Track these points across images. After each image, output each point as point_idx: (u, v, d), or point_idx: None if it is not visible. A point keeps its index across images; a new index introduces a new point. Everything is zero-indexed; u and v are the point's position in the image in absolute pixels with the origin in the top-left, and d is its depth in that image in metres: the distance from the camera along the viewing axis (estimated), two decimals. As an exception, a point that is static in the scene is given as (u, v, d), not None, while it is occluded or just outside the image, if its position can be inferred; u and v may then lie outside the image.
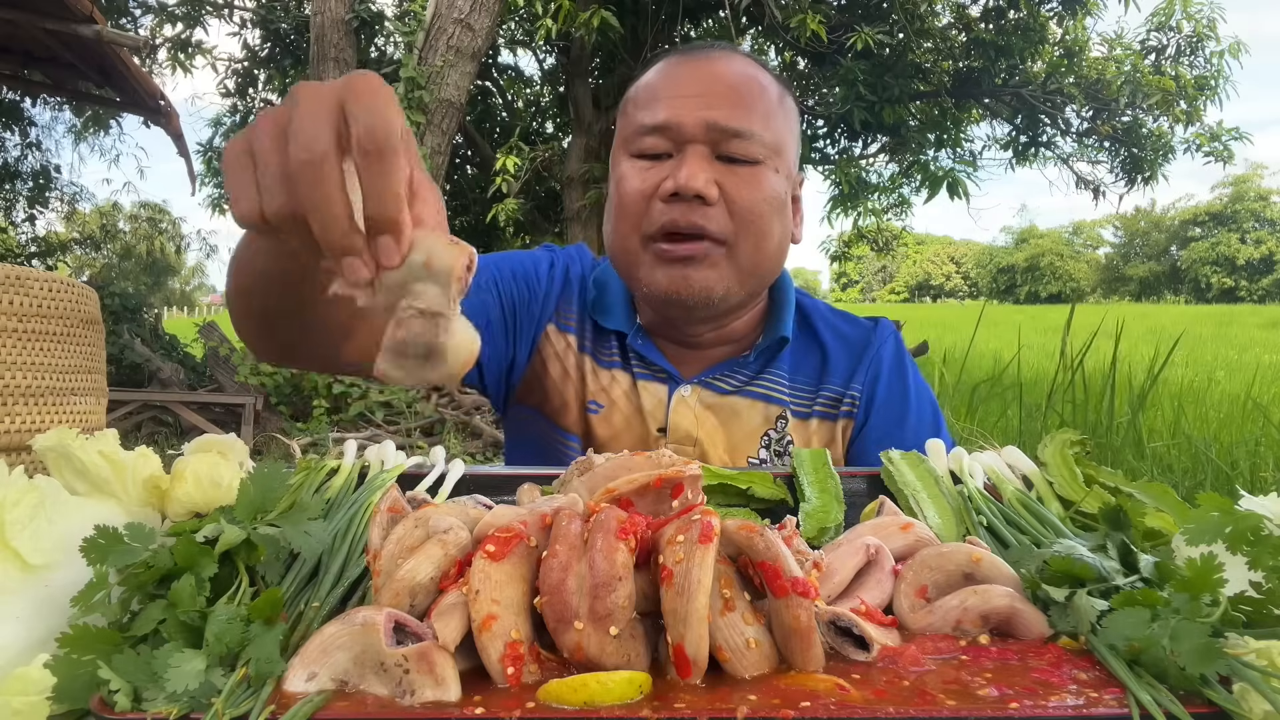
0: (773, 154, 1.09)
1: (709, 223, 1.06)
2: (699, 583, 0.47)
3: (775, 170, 1.10)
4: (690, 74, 1.11)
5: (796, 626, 0.49)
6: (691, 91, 1.08)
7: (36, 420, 2.06)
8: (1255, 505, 0.60)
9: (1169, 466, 3.31)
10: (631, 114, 1.13)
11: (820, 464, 0.85)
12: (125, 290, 9.10)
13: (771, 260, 1.13)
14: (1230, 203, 63.93)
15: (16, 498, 0.56)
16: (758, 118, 1.08)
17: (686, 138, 1.07)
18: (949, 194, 9.75)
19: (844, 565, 0.60)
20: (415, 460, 0.88)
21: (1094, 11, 9.51)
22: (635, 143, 1.11)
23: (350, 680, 0.47)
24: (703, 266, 1.08)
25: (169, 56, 10.31)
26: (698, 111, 1.06)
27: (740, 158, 1.07)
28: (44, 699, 0.46)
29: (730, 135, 1.06)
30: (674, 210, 1.06)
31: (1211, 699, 0.45)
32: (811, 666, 0.49)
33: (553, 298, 1.25)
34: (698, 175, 1.04)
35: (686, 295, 1.09)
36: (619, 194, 1.12)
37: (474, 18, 6.58)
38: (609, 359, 1.23)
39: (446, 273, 0.52)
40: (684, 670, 0.47)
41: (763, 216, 1.09)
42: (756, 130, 1.07)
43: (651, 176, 1.09)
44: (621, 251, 1.13)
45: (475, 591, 0.49)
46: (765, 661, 0.49)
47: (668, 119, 1.07)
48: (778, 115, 1.12)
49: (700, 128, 1.06)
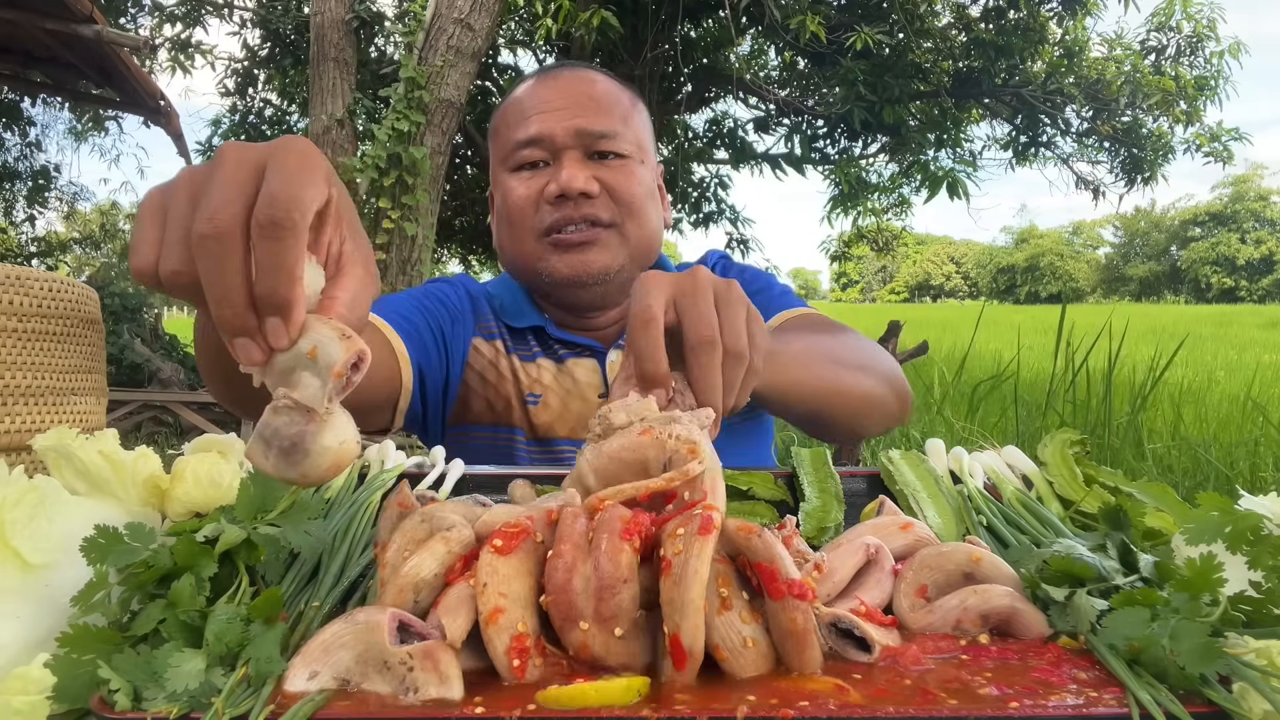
0: (637, 149, 1.24)
1: (599, 211, 1.19)
2: (696, 573, 0.47)
3: (641, 163, 1.24)
4: (553, 90, 1.23)
5: (793, 629, 0.48)
6: (557, 105, 1.21)
7: (36, 420, 2.06)
8: (1255, 505, 0.60)
9: (1169, 466, 3.31)
10: (505, 134, 1.25)
11: (820, 464, 0.85)
12: (125, 290, 9.10)
13: (654, 238, 1.27)
14: (1230, 203, 63.94)
15: (16, 498, 0.56)
16: (619, 119, 1.22)
17: (560, 145, 1.19)
18: (949, 194, 9.75)
19: (843, 565, 0.60)
20: (415, 460, 0.88)
21: (1094, 11, 9.50)
22: (513, 158, 1.22)
23: (352, 679, 0.47)
24: (598, 249, 1.20)
25: (169, 58, 10.31)
26: (566, 121, 1.19)
27: (612, 153, 1.21)
28: (44, 698, 0.46)
29: (598, 137, 1.20)
30: (563, 209, 1.18)
31: (1211, 698, 0.45)
32: (809, 669, 0.49)
33: (468, 312, 1.34)
34: (577, 175, 1.17)
35: (587, 276, 1.20)
36: (509, 205, 1.23)
37: (474, 18, 6.58)
38: (530, 353, 1.32)
39: (327, 367, 0.49)
40: (679, 661, 0.47)
41: (641, 201, 1.22)
42: (620, 130, 1.21)
43: (535, 184, 1.20)
44: (519, 255, 1.24)
45: (483, 584, 0.49)
46: (763, 661, 0.49)
47: (540, 131, 1.19)
48: (634, 117, 1.26)
49: (571, 135, 1.19)
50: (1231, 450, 3.38)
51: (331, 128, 7.01)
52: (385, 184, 6.11)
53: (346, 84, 7.13)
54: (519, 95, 1.27)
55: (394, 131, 6.35)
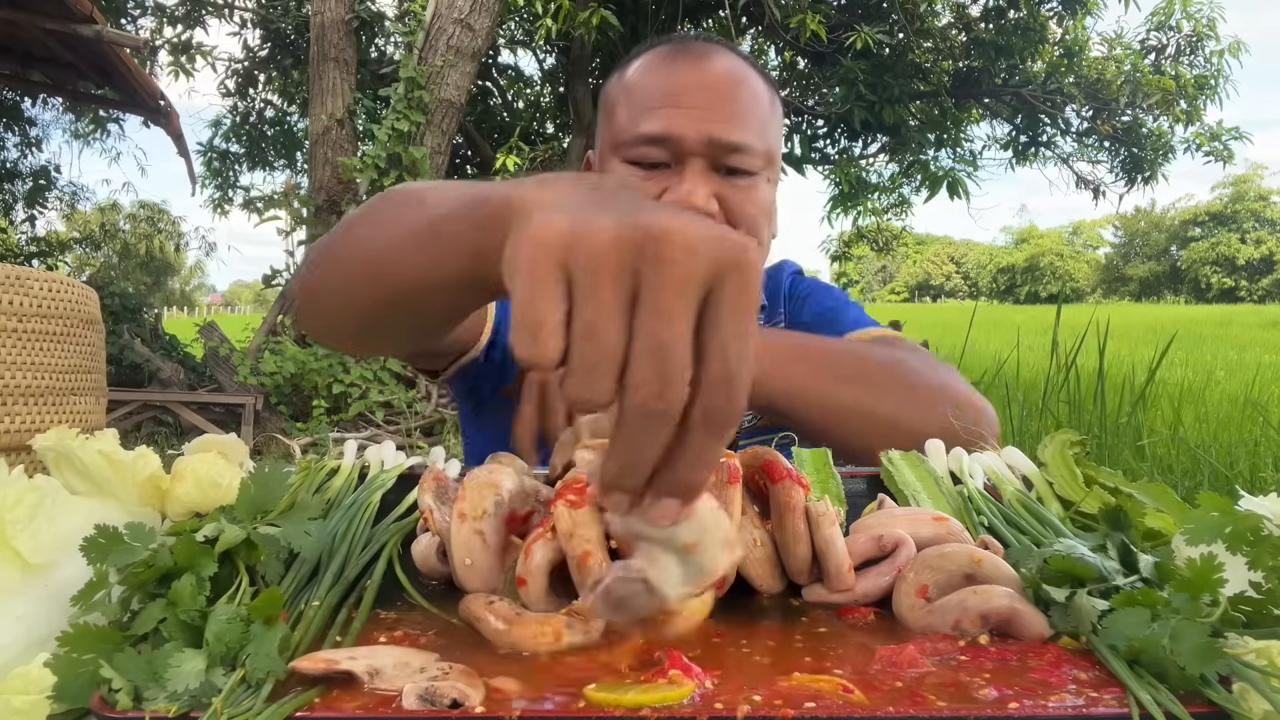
0: (766, 164, 1.12)
1: None
2: (730, 516, 0.56)
3: (768, 180, 1.13)
4: (691, 79, 1.09)
5: (790, 503, 0.60)
6: (693, 102, 1.07)
7: (36, 420, 2.06)
8: (1255, 505, 0.60)
9: (1168, 467, 3.31)
10: (625, 117, 1.12)
11: (821, 464, 0.85)
12: (125, 290, 9.11)
13: (761, 261, 1.18)
14: (1230, 203, 63.97)
15: (16, 498, 0.56)
16: (755, 129, 1.09)
17: (688, 151, 1.06)
18: (949, 194, 9.76)
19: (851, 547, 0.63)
20: (415, 460, 0.88)
21: (1094, 11, 9.51)
22: (630, 150, 1.10)
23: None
24: None
25: (170, 60, 10.31)
26: (699, 125, 1.06)
27: (740, 169, 1.09)
28: (44, 698, 0.46)
29: (731, 150, 1.07)
30: None
31: (1211, 699, 0.45)
32: (801, 547, 0.60)
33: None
34: (698, 191, 1.05)
35: None
36: None
37: (474, 18, 6.58)
38: None
39: (701, 574, 0.45)
40: (717, 585, 0.53)
41: (756, 224, 1.11)
42: (754, 143, 1.09)
43: (648, 187, 1.08)
44: None
45: (568, 534, 0.56)
46: (768, 561, 0.62)
47: (668, 130, 1.06)
48: (772, 123, 1.14)
49: (703, 142, 1.06)
50: (1231, 450, 3.37)
51: (331, 128, 7.01)
52: (385, 184, 6.11)
53: (346, 84, 7.13)
54: (650, 72, 1.12)
55: (394, 131, 6.35)
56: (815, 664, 0.51)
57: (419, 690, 0.44)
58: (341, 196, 6.86)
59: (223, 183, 12.24)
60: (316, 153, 7.12)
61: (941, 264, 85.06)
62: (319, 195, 7.09)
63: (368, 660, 0.47)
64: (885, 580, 0.61)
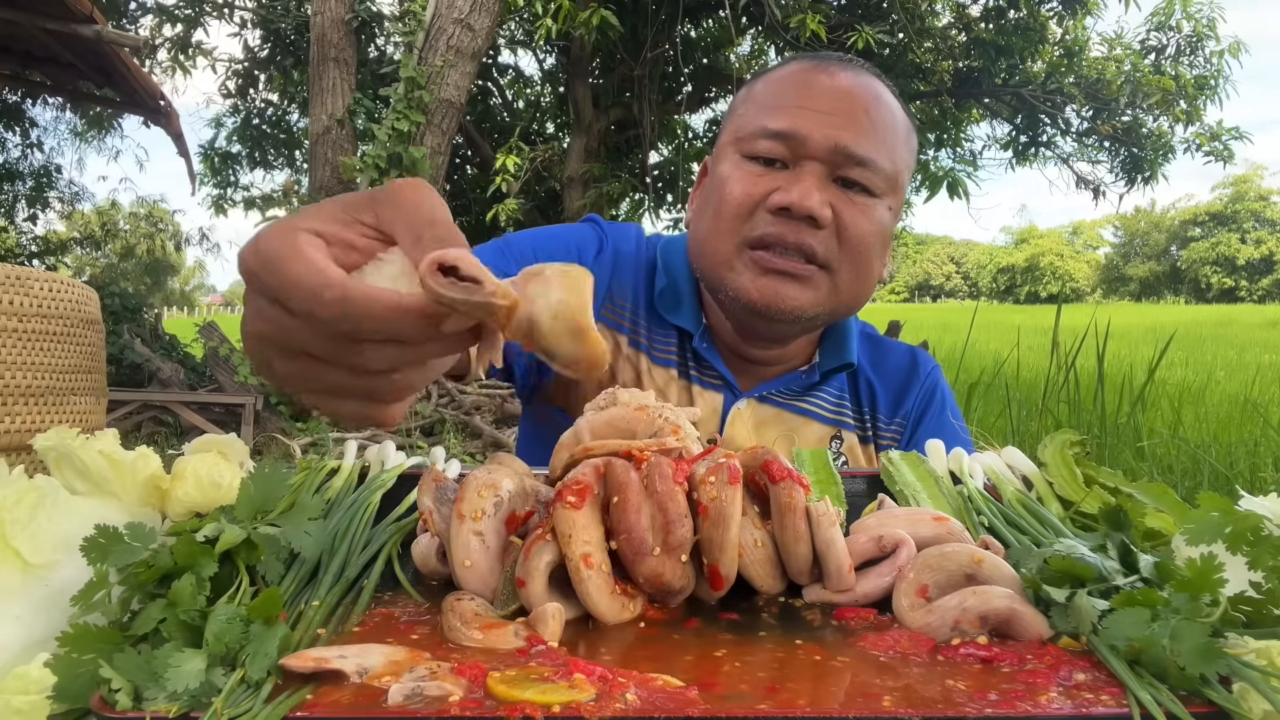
0: (890, 189, 1.06)
1: (818, 245, 1.02)
2: (732, 516, 0.58)
3: (889, 207, 1.06)
4: (824, 86, 1.05)
5: (790, 504, 0.60)
6: (823, 106, 1.03)
7: (36, 420, 2.06)
8: (1255, 505, 0.60)
9: (1168, 467, 3.30)
10: (751, 112, 1.07)
11: (821, 464, 0.85)
12: (125, 290, 9.10)
13: (866, 293, 1.10)
14: (1230, 203, 63.97)
15: (16, 498, 0.56)
16: (884, 148, 1.04)
17: (808, 153, 1.02)
18: (949, 194, 9.76)
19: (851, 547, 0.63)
20: (415, 460, 0.88)
21: (1094, 11, 9.51)
22: (750, 143, 1.05)
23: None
24: (801, 285, 1.03)
25: (170, 59, 10.31)
26: (826, 129, 1.01)
27: (860, 184, 1.03)
28: (44, 698, 0.46)
29: (854, 161, 1.02)
30: (781, 225, 1.01)
31: (1211, 699, 0.45)
32: (801, 547, 0.60)
33: (601, 286, 1.16)
34: (813, 195, 0.99)
35: (777, 310, 1.03)
36: (723, 193, 1.05)
37: (474, 18, 6.58)
38: (665, 355, 1.17)
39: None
40: (717, 584, 0.59)
41: (869, 248, 1.05)
42: (881, 161, 1.03)
43: (762, 184, 1.03)
44: (713, 251, 1.07)
45: (568, 536, 0.56)
46: (768, 561, 0.62)
47: (793, 128, 1.02)
48: (901, 150, 1.07)
49: (826, 147, 1.01)
50: (1231, 450, 3.37)
51: (331, 128, 7.01)
52: (385, 184, 6.11)
53: (346, 84, 7.13)
54: (784, 75, 1.09)
55: (394, 131, 6.35)
56: (817, 664, 0.51)
57: (405, 690, 0.45)
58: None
59: (222, 181, 12.23)
60: (316, 152, 7.12)
61: (941, 264, 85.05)
62: (319, 195, 7.09)
63: (358, 659, 0.47)
64: (885, 580, 0.61)
